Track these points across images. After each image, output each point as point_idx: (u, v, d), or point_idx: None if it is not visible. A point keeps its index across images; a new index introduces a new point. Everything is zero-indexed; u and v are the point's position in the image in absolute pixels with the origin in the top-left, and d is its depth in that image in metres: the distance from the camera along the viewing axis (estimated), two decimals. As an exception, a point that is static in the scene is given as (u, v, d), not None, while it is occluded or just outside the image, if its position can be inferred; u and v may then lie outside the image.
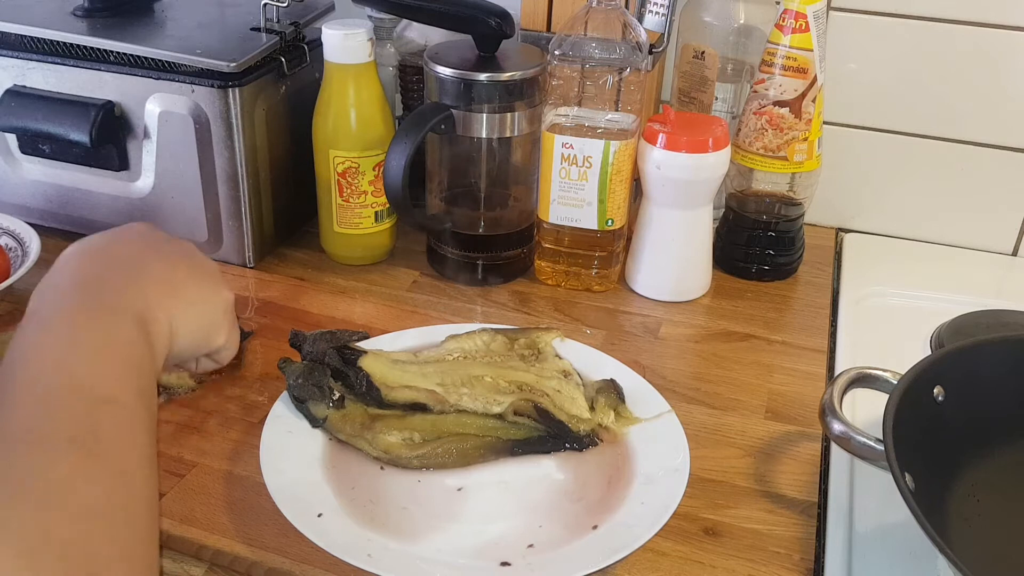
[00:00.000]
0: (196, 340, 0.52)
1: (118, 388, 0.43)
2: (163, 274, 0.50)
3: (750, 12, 0.89)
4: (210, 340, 0.53)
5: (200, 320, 0.52)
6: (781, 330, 0.83)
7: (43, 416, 0.40)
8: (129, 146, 0.87)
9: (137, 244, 0.51)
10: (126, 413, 0.42)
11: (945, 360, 0.62)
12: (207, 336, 0.53)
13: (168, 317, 0.49)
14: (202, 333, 0.52)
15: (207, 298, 0.53)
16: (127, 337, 0.45)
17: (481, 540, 0.58)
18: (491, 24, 0.79)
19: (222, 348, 0.55)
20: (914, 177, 0.97)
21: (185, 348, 0.51)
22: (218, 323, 0.53)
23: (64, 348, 0.43)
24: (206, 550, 0.58)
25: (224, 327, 0.54)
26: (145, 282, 0.49)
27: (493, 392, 0.67)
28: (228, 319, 0.54)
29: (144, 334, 0.46)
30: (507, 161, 0.85)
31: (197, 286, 0.52)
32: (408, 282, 0.88)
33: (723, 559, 0.59)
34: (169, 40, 0.84)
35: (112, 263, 0.49)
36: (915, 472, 0.53)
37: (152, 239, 0.53)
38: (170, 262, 0.52)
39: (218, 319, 0.53)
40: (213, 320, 0.53)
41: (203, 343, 0.53)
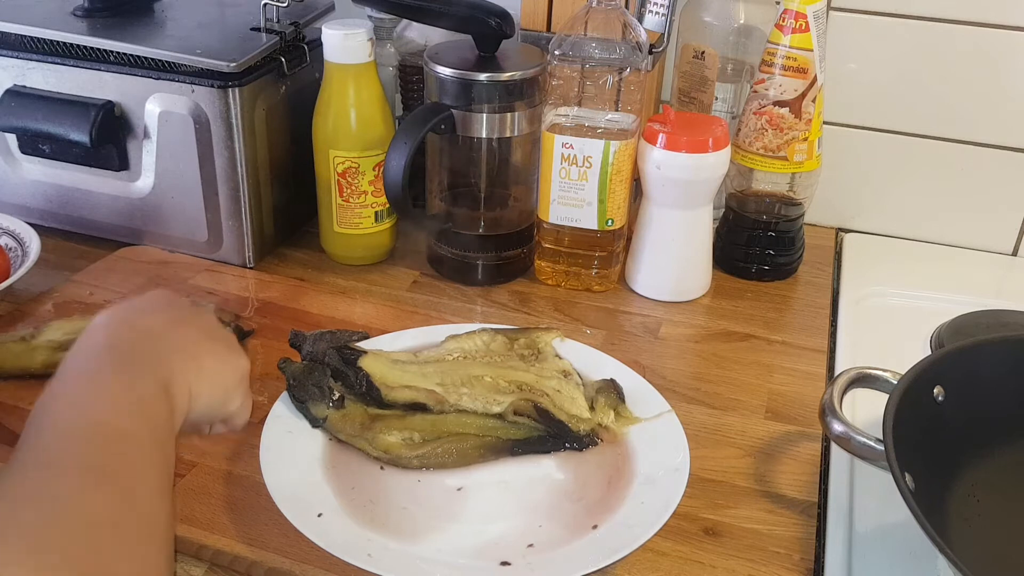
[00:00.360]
0: (212, 406, 0.55)
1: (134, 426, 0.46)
2: (183, 343, 0.53)
3: (750, 12, 0.89)
4: (225, 406, 0.56)
5: (217, 388, 0.55)
6: (781, 330, 0.83)
7: (58, 447, 0.42)
8: (129, 146, 0.87)
9: (162, 315, 0.54)
10: (140, 449, 0.45)
11: (945, 360, 0.62)
12: (223, 403, 0.56)
13: (188, 385, 0.51)
14: (218, 400, 0.55)
15: (224, 368, 0.56)
16: (149, 397, 0.48)
17: (481, 540, 0.58)
18: (491, 24, 0.79)
19: (236, 414, 0.58)
20: (914, 177, 0.97)
21: (202, 413, 0.54)
22: (234, 390, 0.56)
23: (87, 396, 0.46)
24: (206, 550, 0.58)
25: (239, 394, 0.57)
26: (167, 351, 0.52)
27: (493, 392, 0.67)
28: (243, 386, 0.57)
29: (165, 396, 0.49)
30: (507, 161, 0.85)
31: (215, 356, 0.55)
32: (408, 282, 0.88)
33: (723, 559, 0.59)
34: (169, 40, 0.84)
35: (139, 333, 0.52)
36: (915, 472, 0.53)
37: (176, 310, 0.56)
38: (192, 333, 0.55)
39: (234, 386, 0.56)
40: (229, 387, 0.56)
41: (219, 409, 0.56)
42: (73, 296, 0.83)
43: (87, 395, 0.46)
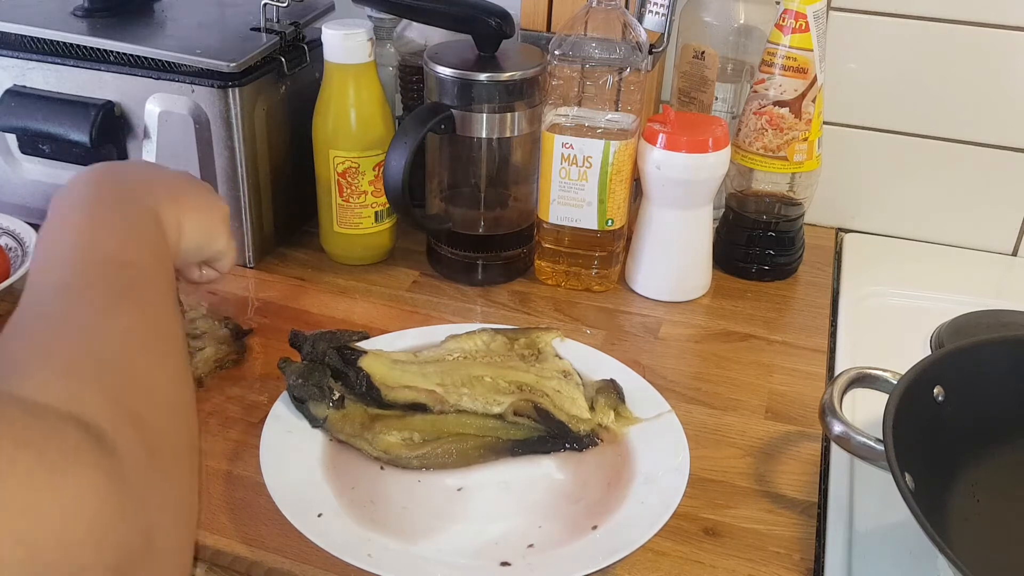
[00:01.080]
0: (199, 241, 0.58)
1: (139, 255, 0.48)
2: (167, 185, 0.57)
3: (750, 12, 0.89)
4: (212, 242, 0.60)
5: (202, 224, 0.58)
6: (781, 330, 0.83)
7: (74, 275, 0.45)
8: (129, 146, 0.87)
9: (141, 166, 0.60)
10: (148, 273, 0.48)
11: (945, 360, 0.62)
12: (209, 238, 0.59)
13: (176, 217, 0.55)
14: (204, 235, 0.58)
15: (207, 206, 0.59)
16: (143, 221, 0.51)
17: (481, 540, 0.58)
18: (491, 24, 0.79)
19: (222, 254, 0.61)
20: (914, 177, 0.97)
21: (190, 247, 0.57)
22: (218, 228, 0.60)
23: (88, 226, 0.49)
24: (206, 550, 0.58)
25: (223, 233, 0.61)
26: (153, 187, 0.55)
27: (493, 392, 0.67)
28: (225, 228, 0.61)
29: (156, 221, 0.52)
30: (507, 161, 0.85)
31: (197, 196, 0.59)
32: (408, 282, 0.88)
33: (723, 559, 0.59)
34: (169, 40, 0.84)
35: (123, 175, 0.55)
36: (915, 472, 0.53)
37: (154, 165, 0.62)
38: (172, 177, 0.59)
39: (217, 225, 0.60)
40: (213, 225, 0.59)
41: (205, 245, 0.59)
42: (73, 296, 0.83)
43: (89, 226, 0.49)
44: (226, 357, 0.74)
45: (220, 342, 0.74)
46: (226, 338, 0.75)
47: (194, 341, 0.74)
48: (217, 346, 0.74)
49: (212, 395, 0.71)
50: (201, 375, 0.72)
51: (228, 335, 0.75)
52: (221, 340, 0.74)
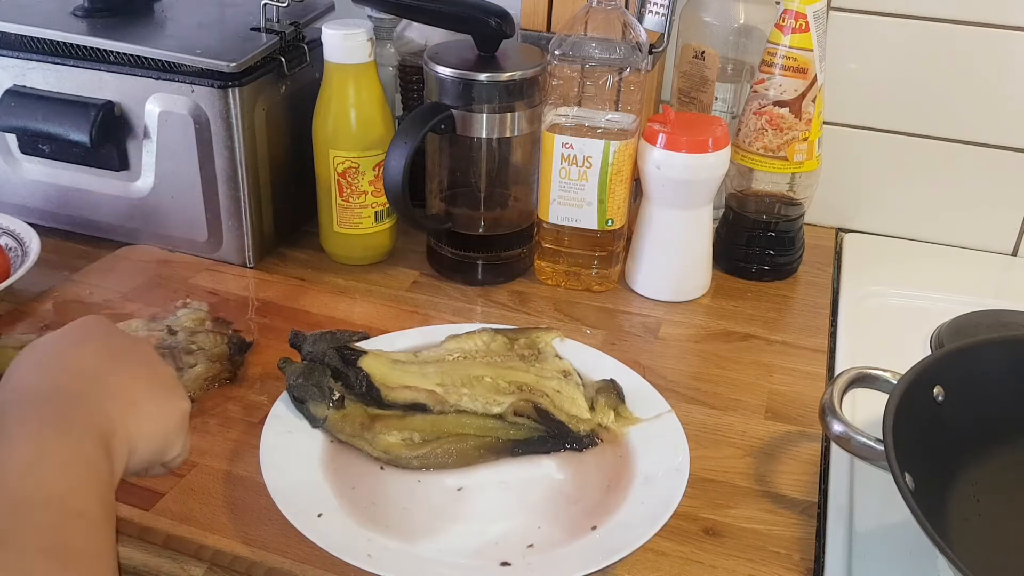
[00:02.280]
0: (152, 454, 0.53)
1: (86, 503, 0.43)
2: (122, 388, 0.51)
3: (750, 12, 0.89)
4: (165, 453, 0.54)
5: (157, 436, 0.52)
6: (781, 330, 0.83)
7: (15, 525, 0.41)
8: (129, 146, 0.87)
9: (95, 352, 0.51)
10: (95, 527, 0.43)
11: (945, 360, 0.62)
12: (162, 450, 0.53)
13: (127, 433, 0.49)
14: (158, 448, 0.52)
15: (164, 413, 0.53)
16: (92, 453, 0.46)
17: (481, 540, 0.58)
18: (491, 24, 0.79)
19: (176, 458, 0.55)
20: (914, 177, 0.97)
21: (141, 462, 0.52)
22: (173, 436, 0.54)
23: (33, 460, 0.44)
24: (206, 550, 0.58)
25: (179, 440, 0.54)
26: (106, 397, 0.49)
27: (493, 392, 0.67)
28: (182, 430, 0.55)
29: (106, 451, 0.47)
30: (507, 161, 0.85)
31: (155, 401, 0.52)
32: (408, 282, 0.88)
33: (723, 559, 0.59)
34: (169, 40, 0.84)
35: (73, 377, 0.49)
36: (915, 472, 0.53)
37: (109, 344, 0.53)
38: (129, 374, 0.52)
39: (173, 433, 0.54)
40: (168, 434, 0.53)
41: (158, 456, 0.53)
42: (73, 296, 0.83)
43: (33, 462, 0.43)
44: (218, 375, 0.72)
45: (213, 359, 0.72)
46: (222, 355, 0.73)
47: (186, 356, 0.72)
48: (208, 364, 0.72)
49: (212, 395, 0.71)
50: (191, 393, 0.70)
51: (225, 352, 0.73)
52: (214, 357, 0.72)
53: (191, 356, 0.73)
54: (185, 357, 0.72)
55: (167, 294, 0.84)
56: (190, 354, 0.73)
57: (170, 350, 0.73)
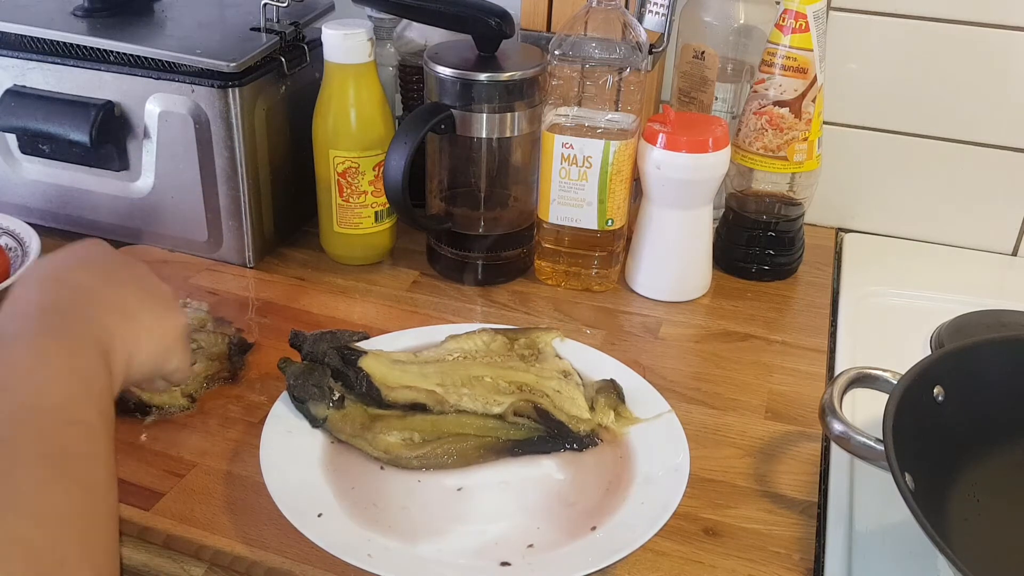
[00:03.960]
0: (151, 365, 0.54)
1: (83, 410, 0.45)
2: (120, 302, 0.52)
3: (750, 12, 0.89)
4: (163, 364, 0.55)
5: (154, 346, 0.54)
6: (781, 330, 0.83)
7: (14, 432, 0.42)
8: (129, 146, 0.87)
9: (94, 270, 0.53)
10: (91, 433, 0.44)
11: (945, 360, 0.62)
12: (161, 361, 0.55)
13: (125, 345, 0.51)
14: (156, 358, 0.54)
15: (161, 325, 0.55)
16: (90, 363, 0.47)
17: (481, 540, 0.58)
18: (491, 24, 0.79)
19: (176, 371, 0.57)
20: (914, 177, 0.97)
21: (140, 372, 0.53)
22: (171, 348, 0.55)
23: (32, 370, 0.45)
24: (206, 550, 0.58)
25: (177, 352, 0.56)
26: (104, 311, 0.51)
27: (493, 392, 0.67)
28: (181, 343, 0.57)
29: (104, 361, 0.48)
30: (507, 161, 0.85)
31: (151, 314, 0.54)
32: (408, 282, 0.88)
33: (723, 559, 0.59)
34: (169, 40, 0.84)
35: (72, 291, 0.51)
36: (915, 472, 0.53)
37: (107, 263, 0.55)
38: (126, 289, 0.54)
39: (171, 344, 0.55)
40: (166, 346, 0.55)
41: (157, 367, 0.55)
42: (73, 296, 0.83)
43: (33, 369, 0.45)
44: (217, 374, 0.72)
45: (212, 358, 0.72)
46: (222, 354, 0.73)
47: None
48: (208, 363, 0.72)
49: (212, 395, 0.71)
50: (192, 391, 0.70)
51: (225, 351, 0.73)
52: (214, 356, 0.72)
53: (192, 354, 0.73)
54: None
55: (167, 294, 0.83)
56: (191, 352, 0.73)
57: None
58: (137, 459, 0.65)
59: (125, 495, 0.61)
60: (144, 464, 0.64)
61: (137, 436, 0.67)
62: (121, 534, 0.59)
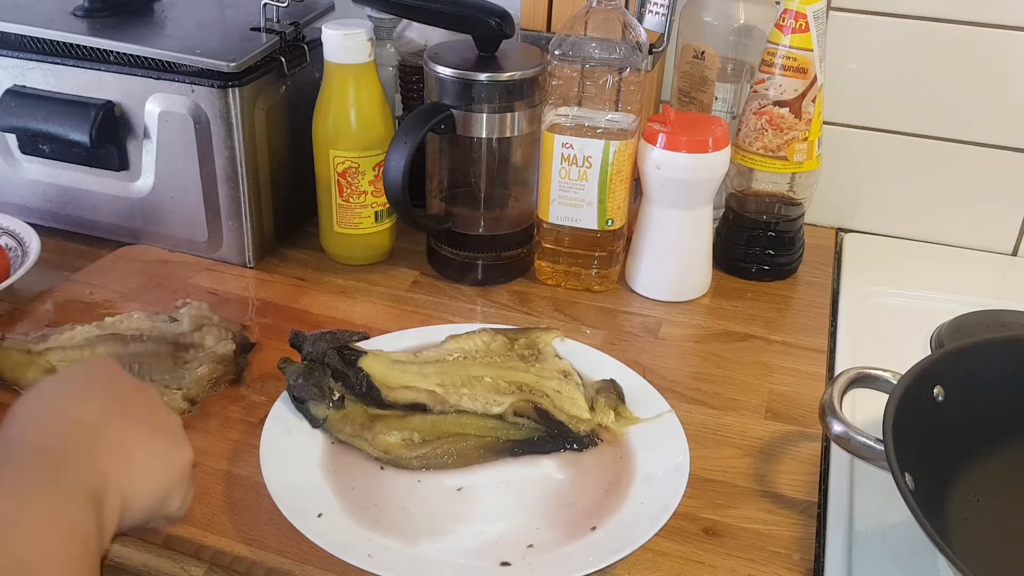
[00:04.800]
0: (149, 509, 0.50)
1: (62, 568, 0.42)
2: (120, 442, 0.49)
3: (750, 12, 0.89)
4: (164, 507, 0.51)
5: (155, 489, 0.50)
6: (781, 330, 0.83)
7: None
8: (129, 146, 0.87)
9: (96, 402, 0.50)
10: None
11: (945, 360, 0.62)
12: (161, 504, 0.51)
13: (121, 492, 0.47)
14: (156, 502, 0.51)
15: (163, 466, 0.51)
16: (78, 514, 0.44)
17: (481, 540, 0.58)
18: (491, 24, 0.79)
19: (176, 511, 0.53)
20: (914, 177, 0.97)
21: (137, 519, 0.49)
22: (173, 490, 0.52)
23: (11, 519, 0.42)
24: (206, 550, 0.58)
25: (179, 493, 0.52)
26: (101, 453, 0.47)
27: (493, 393, 0.67)
28: (183, 482, 0.53)
29: (96, 511, 0.45)
30: (507, 161, 0.85)
31: (154, 453, 0.51)
32: (408, 282, 0.88)
33: (723, 559, 0.59)
34: (169, 40, 0.84)
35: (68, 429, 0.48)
36: (915, 472, 0.53)
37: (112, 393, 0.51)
38: (129, 425, 0.50)
39: (173, 486, 0.52)
40: (168, 487, 0.51)
41: (156, 511, 0.51)
42: (73, 296, 0.83)
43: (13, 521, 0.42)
44: (222, 377, 0.71)
45: (217, 361, 0.72)
46: (227, 356, 0.73)
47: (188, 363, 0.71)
48: (213, 365, 0.71)
49: (212, 395, 0.71)
50: (194, 395, 0.70)
51: (231, 354, 0.73)
52: (219, 359, 0.72)
53: (195, 350, 0.72)
54: (188, 363, 0.72)
55: (167, 294, 0.84)
56: (194, 347, 0.73)
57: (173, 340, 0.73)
58: (137, 459, 0.65)
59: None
60: (144, 464, 0.64)
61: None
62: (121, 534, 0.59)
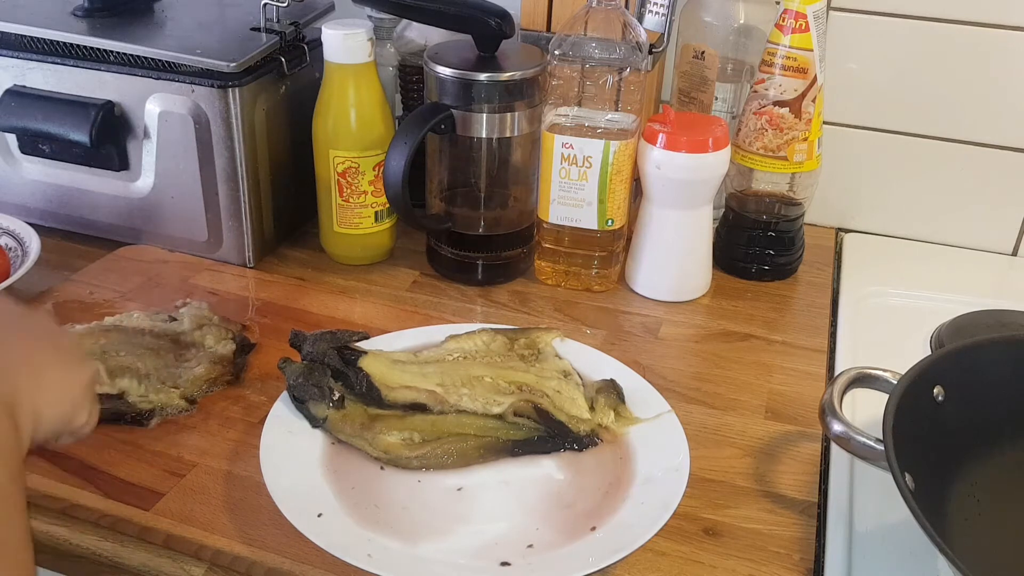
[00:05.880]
0: (58, 424, 0.52)
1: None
2: (24, 359, 0.50)
3: (750, 12, 0.89)
4: (72, 421, 0.53)
5: (62, 404, 0.52)
6: (781, 330, 0.83)
7: None
8: (129, 146, 0.87)
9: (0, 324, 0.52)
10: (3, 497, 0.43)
11: (945, 360, 0.62)
12: (69, 417, 0.53)
13: (32, 404, 0.49)
14: (64, 417, 0.52)
15: (69, 379, 0.53)
16: None
17: (481, 540, 0.58)
18: (491, 24, 0.79)
19: (82, 426, 0.55)
20: (914, 177, 0.97)
21: (48, 428, 0.51)
22: (79, 403, 0.53)
23: None
24: (206, 550, 0.58)
25: (85, 407, 0.54)
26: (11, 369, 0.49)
27: (493, 392, 0.67)
28: (88, 397, 0.55)
29: (11, 420, 0.47)
30: (507, 161, 0.85)
31: (59, 368, 0.52)
32: (408, 282, 0.88)
33: (723, 559, 0.59)
34: (169, 40, 0.84)
35: None
36: (915, 472, 0.53)
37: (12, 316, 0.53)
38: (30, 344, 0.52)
39: (79, 399, 0.53)
40: (74, 401, 0.53)
41: (65, 424, 0.53)
42: (73, 296, 0.83)
43: None
44: (219, 377, 0.71)
45: (215, 361, 0.72)
46: (226, 357, 0.73)
47: (188, 362, 0.72)
48: (210, 365, 0.71)
49: (212, 395, 0.71)
50: (191, 394, 0.70)
51: (230, 354, 0.73)
52: (218, 359, 0.72)
53: (196, 349, 0.72)
54: (186, 362, 0.72)
55: (167, 294, 0.84)
56: (195, 346, 0.73)
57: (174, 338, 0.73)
58: (137, 459, 0.65)
59: (125, 495, 0.61)
60: (144, 464, 0.64)
61: (138, 436, 0.67)
62: (121, 533, 0.60)
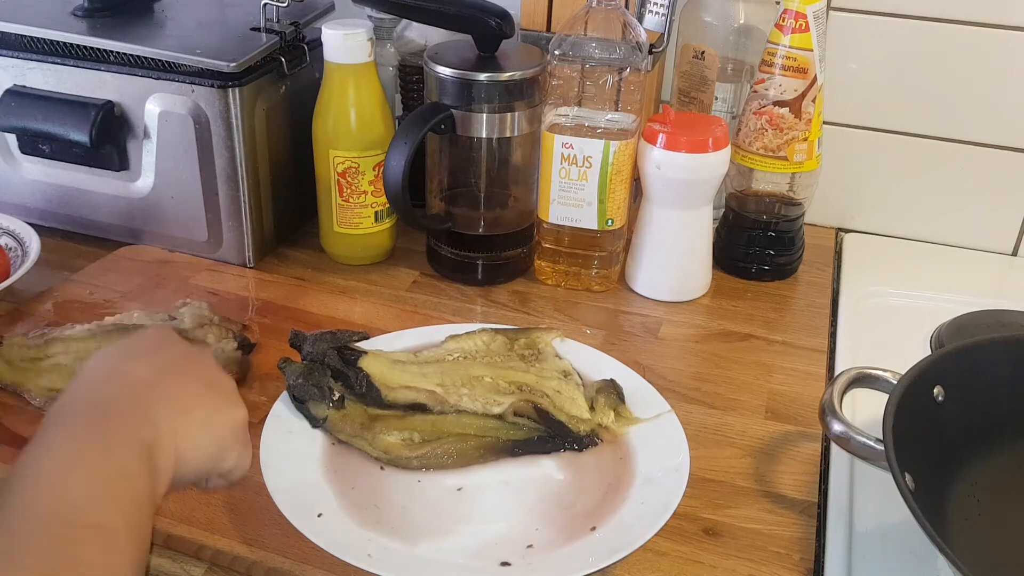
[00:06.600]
0: (204, 464, 0.51)
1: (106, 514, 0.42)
2: (173, 397, 0.50)
3: (750, 12, 0.89)
4: (219, 463, 0.52)
5: (209, 444, 0.51)
6: (781, 330, 0.83)
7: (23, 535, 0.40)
8: (129, 146, 0.87)
9: (150, 362, 0.51)
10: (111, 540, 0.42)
11: (945, 360, 0.62)
12: (216, 459, 0.51)
13: (175, 445, 0.48)
14: (210, 457, 0.51)
15: (218, 420, 0.52)
16: (129, 467, 0.45)
17: (481, 540, 0.58)
18: (491, 24, 0.79)
19: (233, 468, 0.53)
20: (914, 177, 0.97)
21: (192, 472, 0.50)
22: (228, 446, 0.52)
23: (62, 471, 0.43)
24: (206, 550, 0.58)
25: (234, 449, 0.53)
26: (156, 407, 0.48)
27: (493, 392, 0.67)
28: (239, 440, 0.53)
29: (148, 465, 0.46)
30: (507, 161, 0.85)
31: (208, 408, 0.51)
32: (408, 282, 0.88)
33: (723, 559, 0.59)
34: (169, 40, 0.84)
35: (124, 386, 0.49)
36: (915, 472, 0.53)
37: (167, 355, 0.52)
38: (182, 382, 0.51)
39: (228, 442, 0.52)
40: (222, 443, 0.52)
41: (211, 466, 0.52)
42: (73, 296, 0.83)
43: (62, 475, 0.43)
44: None
45: (221, 363, 0.69)
46: (231, 359, 0.72)
47: None
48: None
49: (212, 395, 0.71)
50: None
51: (236, 356, 0.73)
52: (224, 361, 0.71)
53: None
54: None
55: (167, 294, 0.84)
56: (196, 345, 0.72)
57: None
58: (137, 459, 0.65)
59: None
60: (144, 464, 0.64)
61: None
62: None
